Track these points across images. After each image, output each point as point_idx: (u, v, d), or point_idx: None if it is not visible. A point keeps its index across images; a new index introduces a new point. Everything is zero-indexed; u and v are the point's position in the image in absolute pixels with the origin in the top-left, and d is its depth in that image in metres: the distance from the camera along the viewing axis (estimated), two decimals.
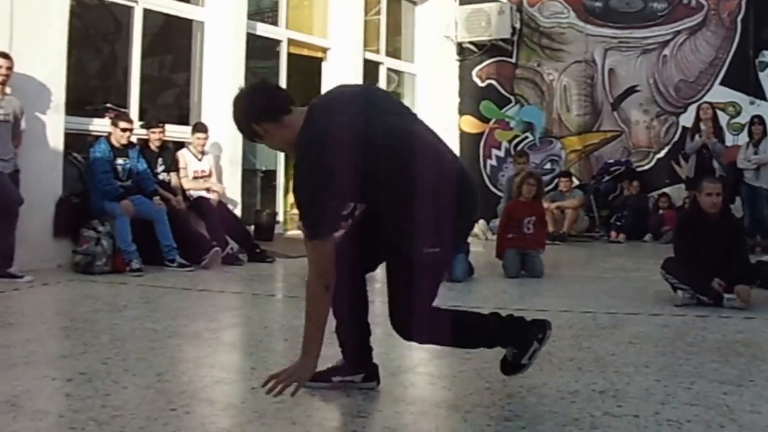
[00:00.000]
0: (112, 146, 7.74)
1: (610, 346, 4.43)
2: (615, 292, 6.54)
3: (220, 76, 9.52)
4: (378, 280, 4.05)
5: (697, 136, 10.57)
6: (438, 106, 13.32)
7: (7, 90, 6.93)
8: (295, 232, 10.24)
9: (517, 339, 3.39)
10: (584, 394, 3.44)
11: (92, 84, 10.61)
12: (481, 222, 11.79)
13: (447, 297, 6.16)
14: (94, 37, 10.60)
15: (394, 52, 13.31)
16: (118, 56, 9.48)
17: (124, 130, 7.76)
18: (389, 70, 13.12)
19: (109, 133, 7.84)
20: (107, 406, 3.13)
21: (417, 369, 4.03)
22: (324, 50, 11.68)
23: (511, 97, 13.14)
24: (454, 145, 13.08)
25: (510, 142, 13.07)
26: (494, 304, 5.85)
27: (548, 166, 12.86)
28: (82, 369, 3.75)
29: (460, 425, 3.08)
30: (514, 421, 3.06)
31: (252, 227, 9.74)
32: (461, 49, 13.49)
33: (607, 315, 5.40)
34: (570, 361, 4.06)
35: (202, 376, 3.72)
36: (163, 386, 3.48)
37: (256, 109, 3.13)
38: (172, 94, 11.08)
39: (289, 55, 10.99)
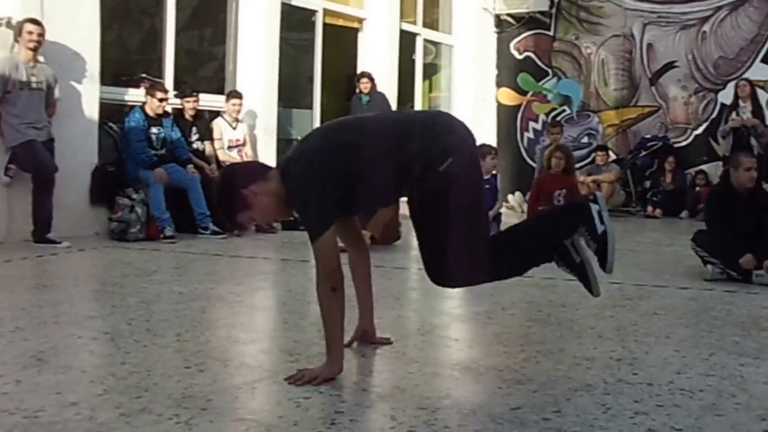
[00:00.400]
0: (146, 115, 7.85)
1: (634, 316, 4.42)
2: (645, 265, 6.50)
3: (255, 47, 9.57)
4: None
5: (733, 114, 10.40)
6: (475, 79, 13.26)
7: (40, 58, 7.00)
8: None
9: (574, 216, 3.16)
10: (601, 361, 3.45)
11: (128, 55, 10.70)
12: (517, 194, 11.78)
13: None
14: (131, 10, 10.69)
15: (431, 24, 13.23)
16: (155, 29, 9.56)
17: (160, 100, 7.86)
18: (426, 41, 13.05)
19: (144, 103, 7.94)
20: (126, 363, 3.23)
21: (435, 332, 4.07)
22: (360, 20, 11.64)
23: (549, 70, 13.02)
24: (491, 118, 13.04)
25: (547, 115, 12.95)
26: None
27: (585, 139, 12.74)
28: (107, 329, 3.89)
29: (472, 387, 3.11)
30: (526, 384, 3.07)
31: None
32: (499, 22, 13.37)
33: (635, 287, 5.37)
34: (591, 329, 4.07)
35: (219, 336, 3.80)
36: (180, 346, 3.56)
37: (240, 182, 3.13)
38: (207, 66, 11.14)
39: (325, 25, 10.97)
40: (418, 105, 12.82)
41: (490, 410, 2.78)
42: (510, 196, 12.12)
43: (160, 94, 7.88)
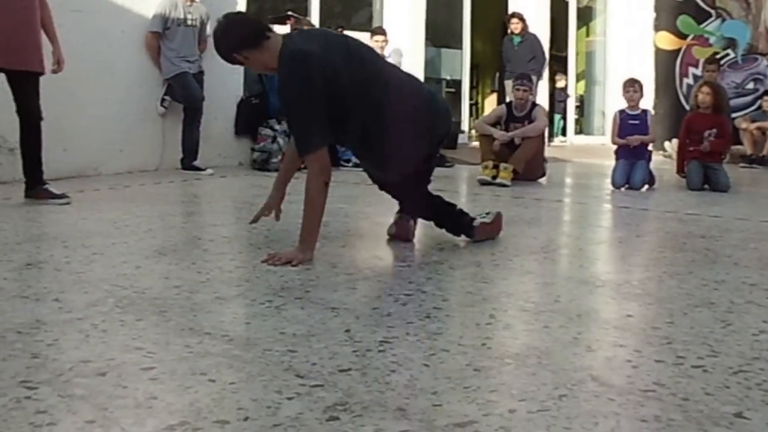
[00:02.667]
0: None
1: None
2: None
3: None
4: None
5: None
6: (633, 22, 12.70)
7: None
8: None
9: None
10: (732, 284, 3.22)
11: None
12: (674, 141, 11.24)
13: (620, 201, 6.03)
14: None
15: None
16: None
17: None
18: None
19: None
20: (235, 260, 3.41)
21: (558, 251, 3.95)
22: None
23: (712, 11, 12.27)
24: (649, 62, 12.48)
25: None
26: (664, 209, 5.65)
27: (750, 85, 11.97)
28: (226, 234, 4.11)
29: (584, 296, 2.97)
30: (643, 298, 2.92)
31: None
32: None
33: None
34: (727, 257, 3.82)
35: (334, 245, 3.82)
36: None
37: (236, 39, 3.34)
38: (355, 8, 11.19)
39: None
40: (573, 50, 12.47)
41: (596, 316, 2.66)
42: (666, 143, 11.58)
43: (306, 28, 7.95)
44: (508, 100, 8.26)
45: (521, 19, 10.39)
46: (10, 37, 4.74)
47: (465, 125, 10.96)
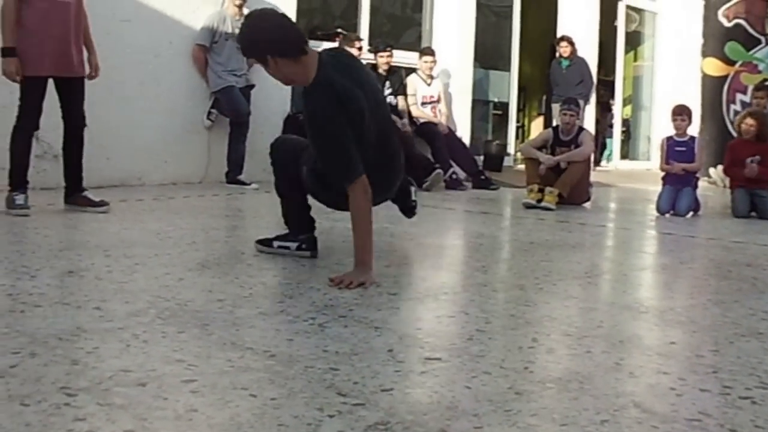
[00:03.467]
0: None
1: None
2: None
3: (450, 6, 9.55)
4: None
5: None
6: (680, 47, 12.59)
7: (245, 12, 7.35)
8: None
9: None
10: None
11: (332, 19, 10.95)
12: (719, 167, 11.10)
13: (665, 227, 5.95)
14: None
15: None
16: None
17: (359, 49, 8.02)
18: (628, 7, 12.52)
19: None
20: (278, 276, 3.42)
21: (602, 276, 3.91)
22: None
23: (762, 38, 12.10)
24: (696, 88, 12.35)
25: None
26: (710, 236, 5.57)
27: None
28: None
29: (627, 322, 2.94)
30: (687, 325, 2.88)
31: (481, 157, 9.74)
32: None
33: None
34: None
35: (379, 265, 3.80)
36: (339, 269, 3.59)
37: (278, 43, 3.25)
38: (404, 28, 11.23)
39: None
40: (620, 74, 12.41)
41: (639, 342, 2.62)
42: (711, 170, 11.45)
43: (357, 44, 8.03)
44: (554, 123, 8.23)
45: (570, 42, 10.37)
46: (61, 46, 4.86)
47: (511, 148, 10.93)
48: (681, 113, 7.07)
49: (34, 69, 4.78)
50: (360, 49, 7.99)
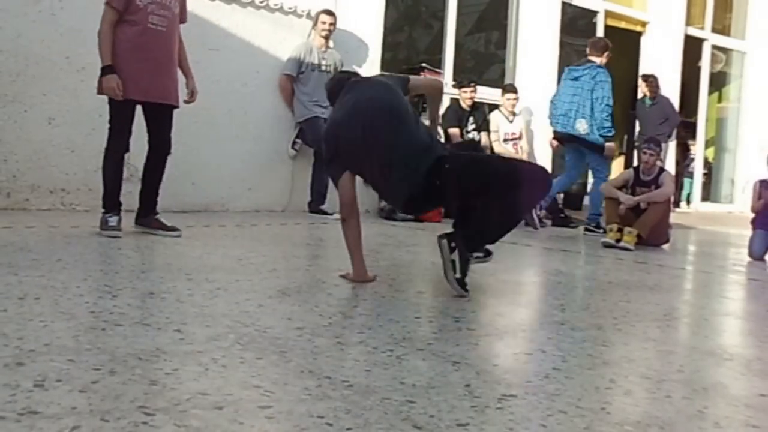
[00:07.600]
0: None
1: None
2: None
3: (534, 44, 9.57)
4: None
5: None
6: None
7: (330, 44, 7.55)
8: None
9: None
10: None
11: (416, 54, 11.06)
12: None
13: (751, 272, 5.79)
14: (421, 13, 11.11)
15: (722, 29, 12.48)
16: (441, 32, 9.89)
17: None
18: (714, 47, 12.33)
19: None
20: (358, 307, 3.47)
21: (682, 319, 3.83)
22: (643, 24, 11.27)
23: None
24: None
25: None
26: None
27: None
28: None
29: (710, 368, 2.87)
30: None
31: (561, 195, 9.69)
32: None
33: None
34: None
35: (456, 299, 3.79)
36: (417, 299, 3.71)
37: (328, 94, 4.32)
38: (488, 65, 11.27)
39: (606, 27, 10.72)
40: (703, 115, 12.19)
41: (724, 392, 2.55)
42: None
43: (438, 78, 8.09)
44: (635, 163, 8.14)
45: (653, 81, 10.28)
46: (152, 73, 5.00)
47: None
48: None
49: (123, 92, 4.92)
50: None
